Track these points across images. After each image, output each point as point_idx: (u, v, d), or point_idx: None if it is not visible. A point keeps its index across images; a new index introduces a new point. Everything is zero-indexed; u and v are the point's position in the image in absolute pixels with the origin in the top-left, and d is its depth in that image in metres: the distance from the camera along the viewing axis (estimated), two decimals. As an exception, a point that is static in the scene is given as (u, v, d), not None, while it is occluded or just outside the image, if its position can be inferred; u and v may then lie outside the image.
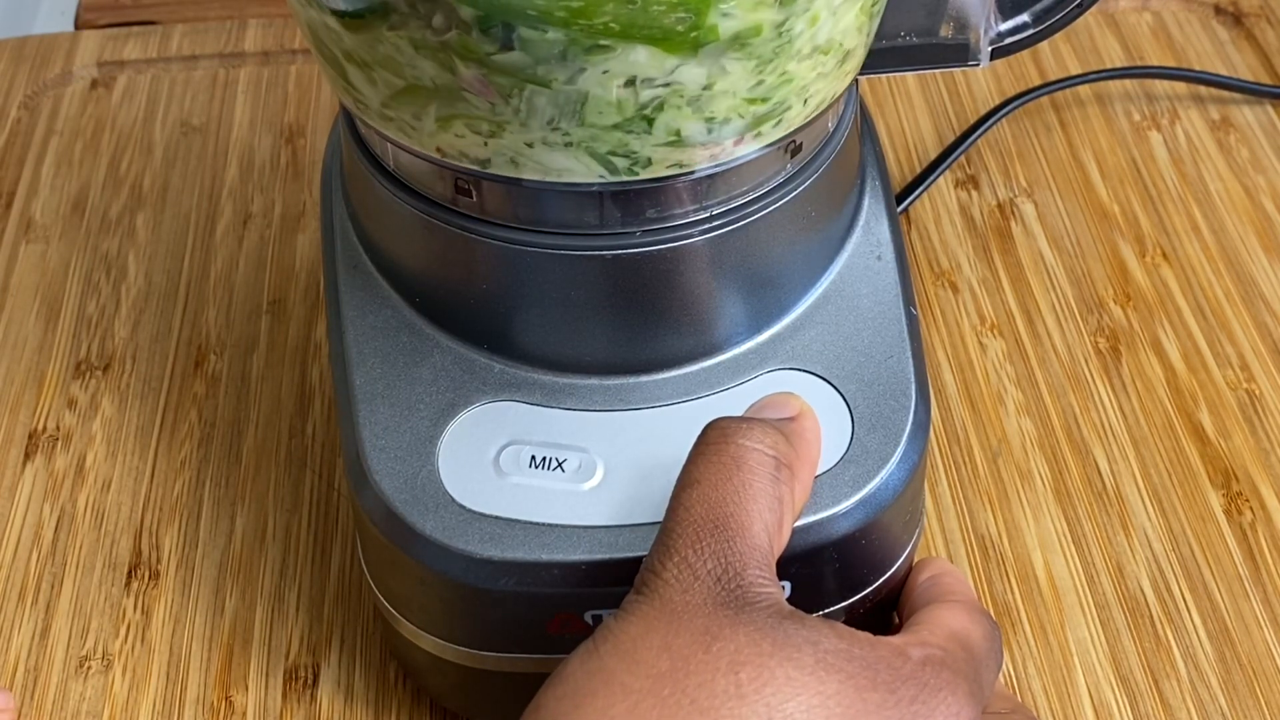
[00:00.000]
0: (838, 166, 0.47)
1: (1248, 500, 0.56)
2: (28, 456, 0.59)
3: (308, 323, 0.63)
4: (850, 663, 0.36)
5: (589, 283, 0.44)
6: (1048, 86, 0.71)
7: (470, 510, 0.43)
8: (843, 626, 0.37)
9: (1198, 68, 0.73)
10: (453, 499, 0.44)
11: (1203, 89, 0.72)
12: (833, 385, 0.46)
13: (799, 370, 0.46)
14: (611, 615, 0.37)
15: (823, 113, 0.44)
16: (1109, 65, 0.73)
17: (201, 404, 0.60)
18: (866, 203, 0.50)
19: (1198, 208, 0.67)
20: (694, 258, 0.44)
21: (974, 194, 0.68)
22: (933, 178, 0.67)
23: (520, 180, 0.42)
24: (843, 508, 0.43)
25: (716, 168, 0.42)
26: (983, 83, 0.73)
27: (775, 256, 0.46)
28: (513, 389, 0.46)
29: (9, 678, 0.52)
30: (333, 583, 0.54)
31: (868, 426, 0.45)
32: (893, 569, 0.46)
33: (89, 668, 0.52)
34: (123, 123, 0.73)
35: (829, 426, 0.44)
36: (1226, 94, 0.72)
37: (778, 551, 0.39)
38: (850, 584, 0.45)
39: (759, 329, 0.47)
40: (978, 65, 0.50)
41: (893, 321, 0.47)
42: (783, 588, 0.44)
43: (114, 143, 0.72)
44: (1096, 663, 0.51)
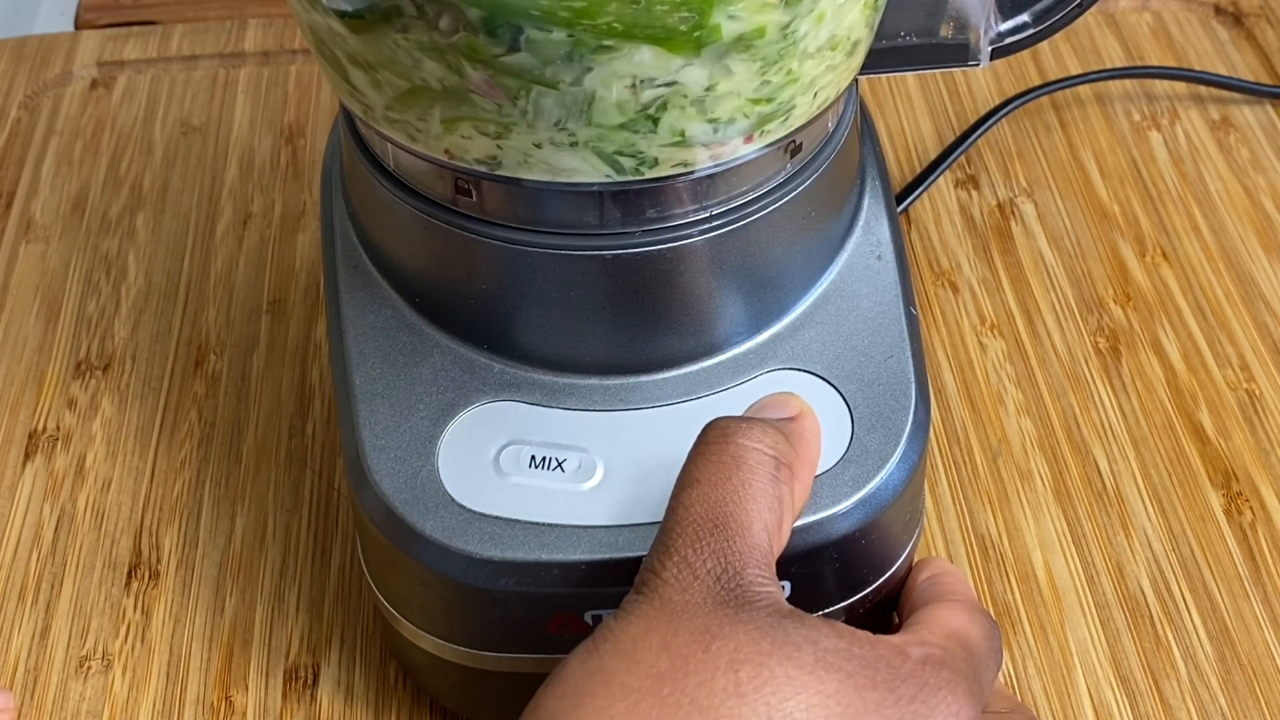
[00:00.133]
0: (838, 166, 0.47)
1: (1248, 500, 0.56)
2: (28, 456, 0.59)
3: (308, 323, 0.63)
4: (850, 662, 0.36)
5: (589, 283, 0.44)
6: (1048, 86, 0.71)
7: (470, 510, 0.43)
8: (842, 626, 0.37)
9: (1198, 68, 0.73)
10: (453, 499, 0.44)
11: (1203, 89, 0.72)
12: (833, 385, 0.46)
13: (799, 370, 0.46)
14: (611, 615, 0.37)
15: (823, 112, 0.44)
16: (1109, 65, 0.73)
17: (201, 404, 0.60)
18: (866, 203, 0.50)
19: (1198, 208, 0.67)
20: (694, 258, 0.44)
21: (974, 194, 0.68)
22: (933, 178, 0.67)
23: (522, 180, 0.42)
24: (843, 508, 0.43)
25: (717, 167, 0.42)
26: (983, 83, 0.73)
27: (775, 256, 0.46)
28: (513, 389, 0.46)
29: (9, 678, 0.52)
30: (333, 583, 0.54)
31: (868, 426, 0.45)
32: (893, 569, 0.46)
33: (89, 668, 0.52)
34: (123, 123, 0.73)
35: (829, 426, 0.44)
36: (1226, 94, 0.72)
37: (777, 551, 0.39)
38: (850, 584, 0.45)
39: (759, 329, 0.47)
40: (978, 65, 0.50)
41: (893, 321, 0.47)
42: (783, 588, 0.44)
43: (114, 143, 0.72)
44: (1096, 663, 0.51)
